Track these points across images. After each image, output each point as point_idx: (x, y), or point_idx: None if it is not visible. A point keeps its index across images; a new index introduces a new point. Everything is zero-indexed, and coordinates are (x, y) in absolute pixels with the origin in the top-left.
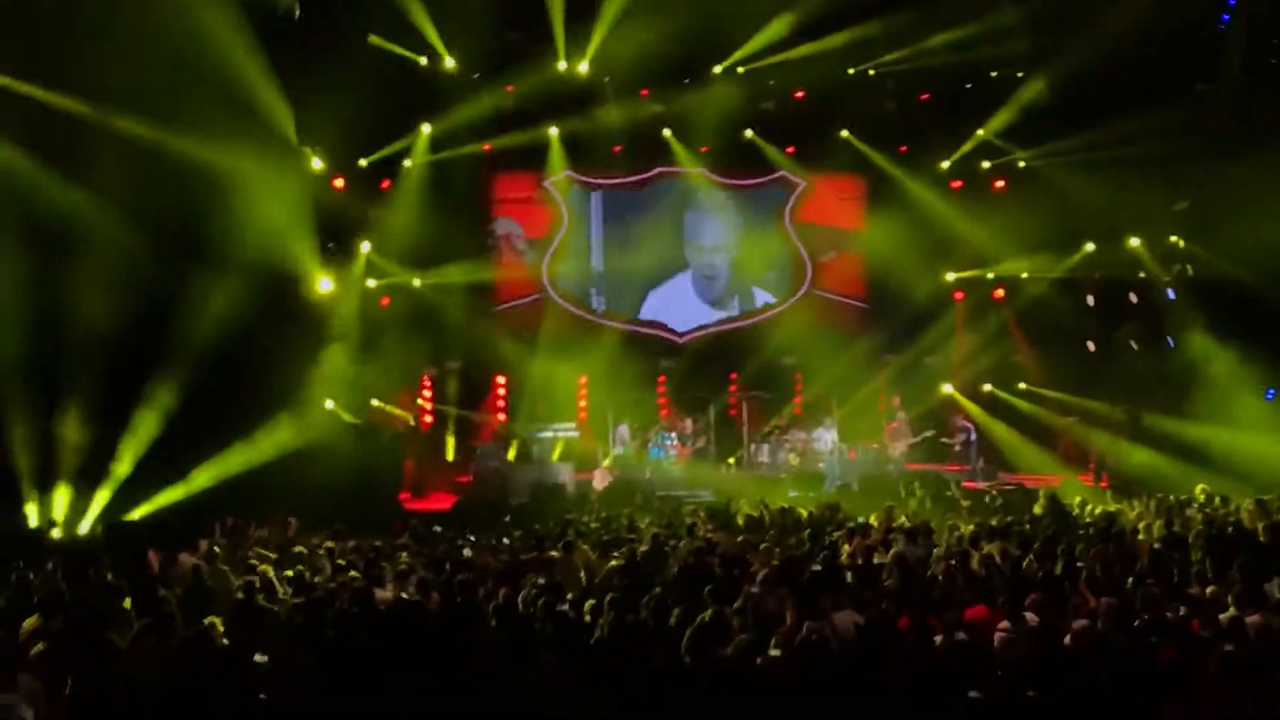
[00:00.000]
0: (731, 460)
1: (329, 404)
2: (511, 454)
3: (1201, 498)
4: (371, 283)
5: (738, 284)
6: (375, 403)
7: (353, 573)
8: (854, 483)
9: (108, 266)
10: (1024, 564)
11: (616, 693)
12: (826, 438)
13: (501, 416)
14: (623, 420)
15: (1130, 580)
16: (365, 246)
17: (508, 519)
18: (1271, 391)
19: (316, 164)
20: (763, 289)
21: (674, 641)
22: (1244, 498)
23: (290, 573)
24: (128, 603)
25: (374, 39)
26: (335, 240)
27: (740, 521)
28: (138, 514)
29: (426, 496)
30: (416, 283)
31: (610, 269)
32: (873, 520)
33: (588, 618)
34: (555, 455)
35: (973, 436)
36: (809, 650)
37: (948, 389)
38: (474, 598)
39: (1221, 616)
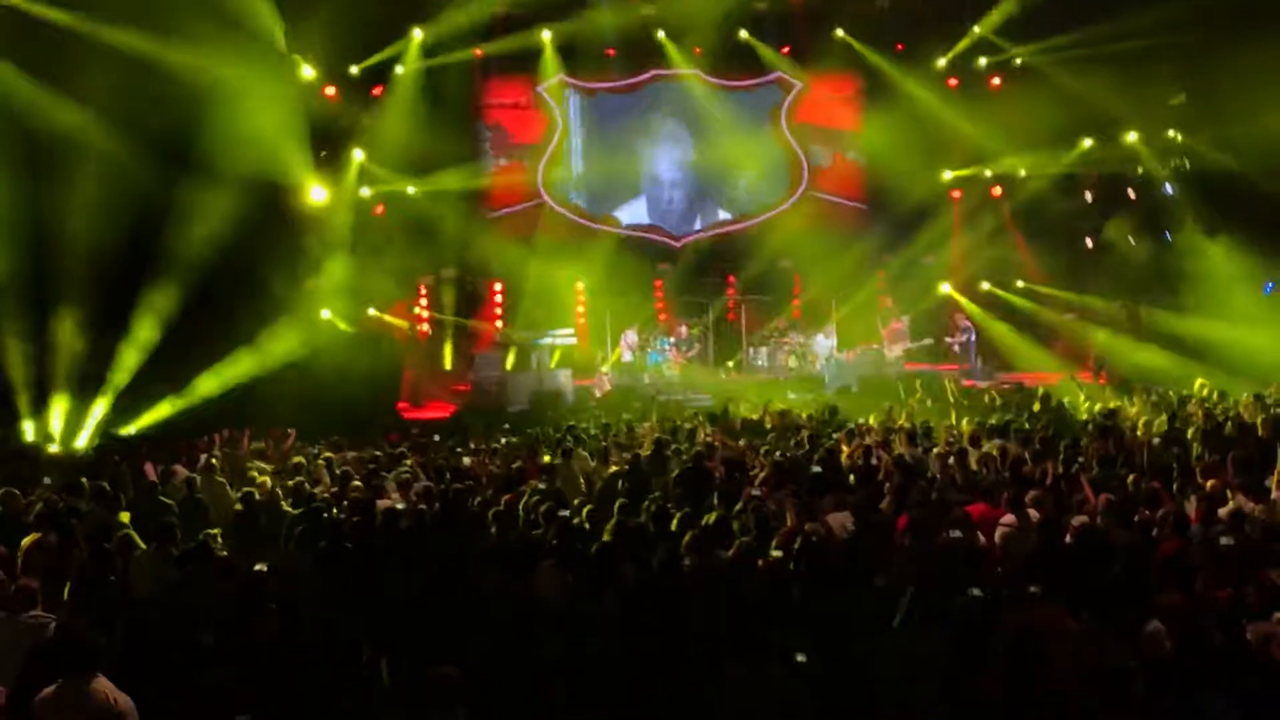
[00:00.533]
0: (731, 364)
1: (325, 313)
2: (509, 361)
3: (1201, 393)
4: (366, 191)
5: (734, 186)
6: (372, 312)
7: (355, 482)
8: (853, 384)
9: (100, 179)
10: (1023, 461)
11: (618, 596)
12: (825, 345)
13: (499, 324)
14: (628, 326)
15: (1130, 476)
16: (358, 154)
17: (507, 426)
18: (1270, 285)
19: (307, 72)
20: (759, 191)
21: (675, 545)
22: (1242, 392)
23: (290, 483)
24: (125, 516)
25: None
26: (328, 149)
27: (740, 425)
28: (135, 426)
29: (425, 405)
30: (411, 190)
31: (606, 174)
32: (871, 421)
33: (587, 524)
34: (554, 362)
35: (973, 337)
36: (809, 550)
37: (946, 288)
38: (473, 505)
39: (1221, 510)
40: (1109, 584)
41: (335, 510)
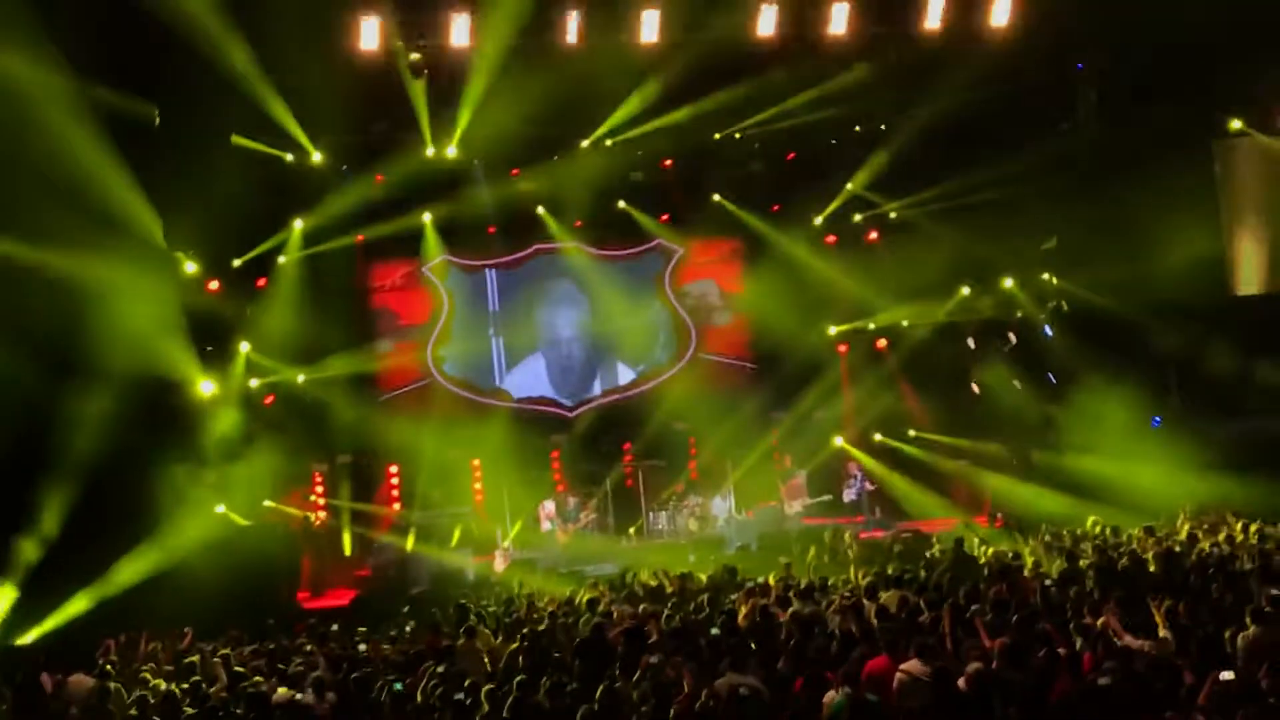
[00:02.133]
0: (632, 530)
1: (220, 508)
2: (409, 543)
3: (1094, 530)
4: (254, 382)
5: (622, 353)
6: (268, 503)
7: (257, 678)
8: (753, 543)
9: None
10: (919, 610)
11: None
12: (722, 506)
13: (396, 506)
14: (542, 498)
15: (1025, 618)
16: (245, 346)
17: (406, 609)
18: (1157, 420)
19: (189, 268)
20: (647, 357)
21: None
22: (1135, 526)
23: (186, 684)
24: None
25: (237, 139)
26: (214, 342)
27: (641, 592)
28: (28, 637)
29: (325, 594)
30: (300, 378)
31: (494, 349)
32: (770, 580)
33: (486, 705)
34: (454, 541)
35: (866, 485)
36: (706, 716)
37: (839, 441)
38: (370, 693)
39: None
40: None
41: (234, 707)
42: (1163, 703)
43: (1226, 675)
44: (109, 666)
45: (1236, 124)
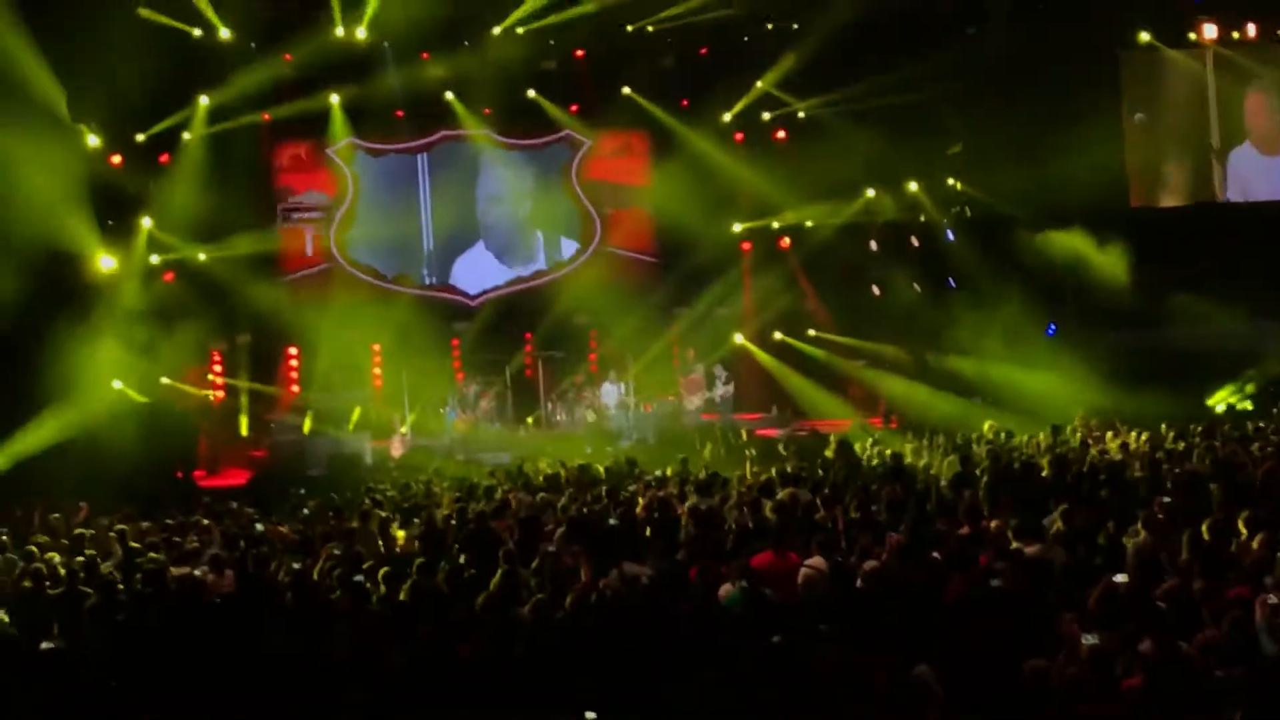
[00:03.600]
0: (530, 420)
1: (117, 383)
2: (307, 425)
3: (989, 434)
4: (155, 259)
5: (527, 244)
6: (165, 380)
7: (150, 554)
8: (650, 436)
9: None
10: (815, 508)
11: (409, 659)
12: (613, 392)
13: (295, 388)
14: (449, 386)
15: (919, 518)
16: (146, 222)
17: (303, 491)
18: (1052, 327)
19: (92, 141)
20: (552, 248)
21: (468, 606)
22: (1027, 433)
23: (81, 558)
24: None
25: (144, 12)
26: (115, 217)
27: (538, 481)
28: None
29: (221, 473)
30: (201, 257)
31: (398, 235)
32: (668, 473)
33: (383, 587)
34: (351, 425)
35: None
36: (602, 606)
37: (739, 338)
38: (268, 572)
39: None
40: (896, 625)
41: (128, 582)
42: (1054, 606)
43: (1119, 578)
44: (2, 538)
45: (1145, 36)
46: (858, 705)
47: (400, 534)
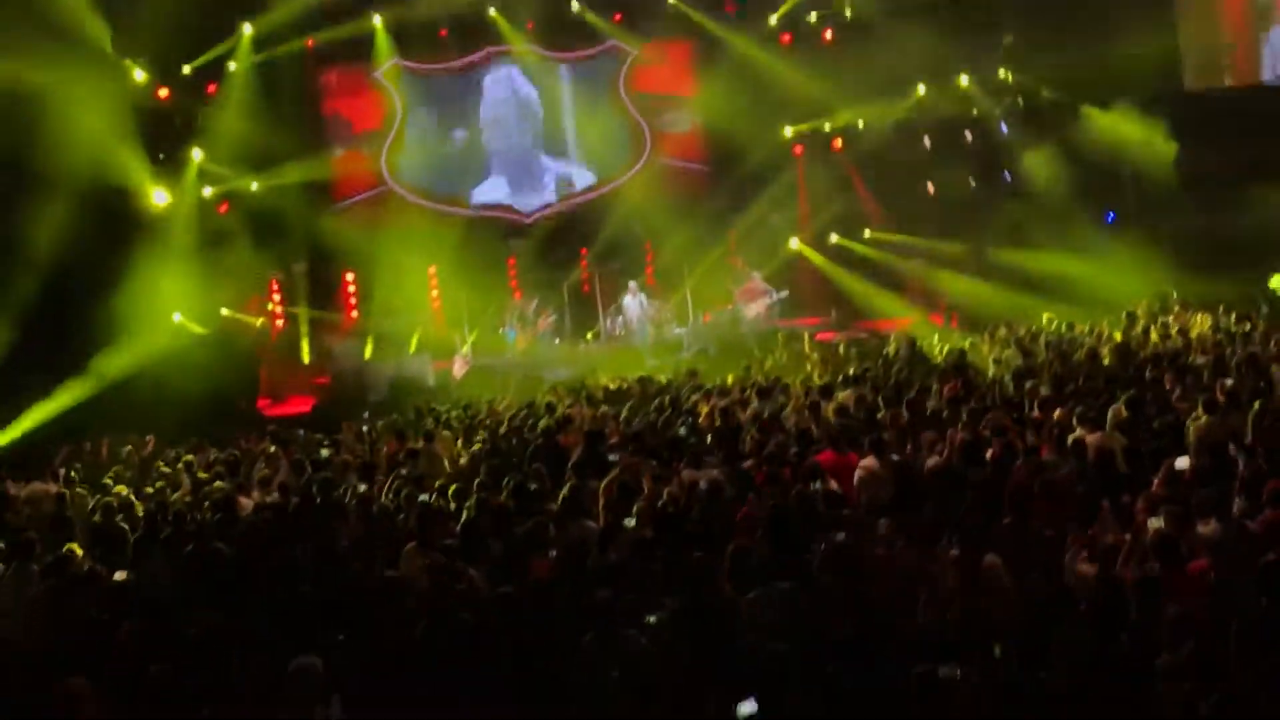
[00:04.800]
0: (589, 335)
1: (177, 316)
2: (368, 350)
3: (1049, 326)
4: (208, 190)
5: (577, 158)
6: (224, 311)
7: (218, 483)
8: (711, 347)
9: None
10: (877, 408)
11: (483, 574)
12: (634, 306)
13: (354, 314)
14: (509, 302)
15: (981, 413)
16: (197, 154)
17: (367, 415)
18: (1111, 215)
19: (139, 75)
20: (603, 162)
21: (538, 519)
22: (1090, 321)
23: (150, 489)
24: None
25: None
26: (165, 150)
27: (600, 395)
28: None
29: (285, 401)
30: (254, 186)
31: (449, 155)
32: (729, 381)
33: (451, 505)
34: (413, 347)
35: (774, 297)
36: (667, 515)
37: (795, 244)
38: (334, 496)
39: (1069, 438)
40: (960, 519)
41: (197, 512)
42: (1116, 492)
43: (1181, 463)
44: (72, 474)
45: None
46: (927, 600)
47: (462, 452)
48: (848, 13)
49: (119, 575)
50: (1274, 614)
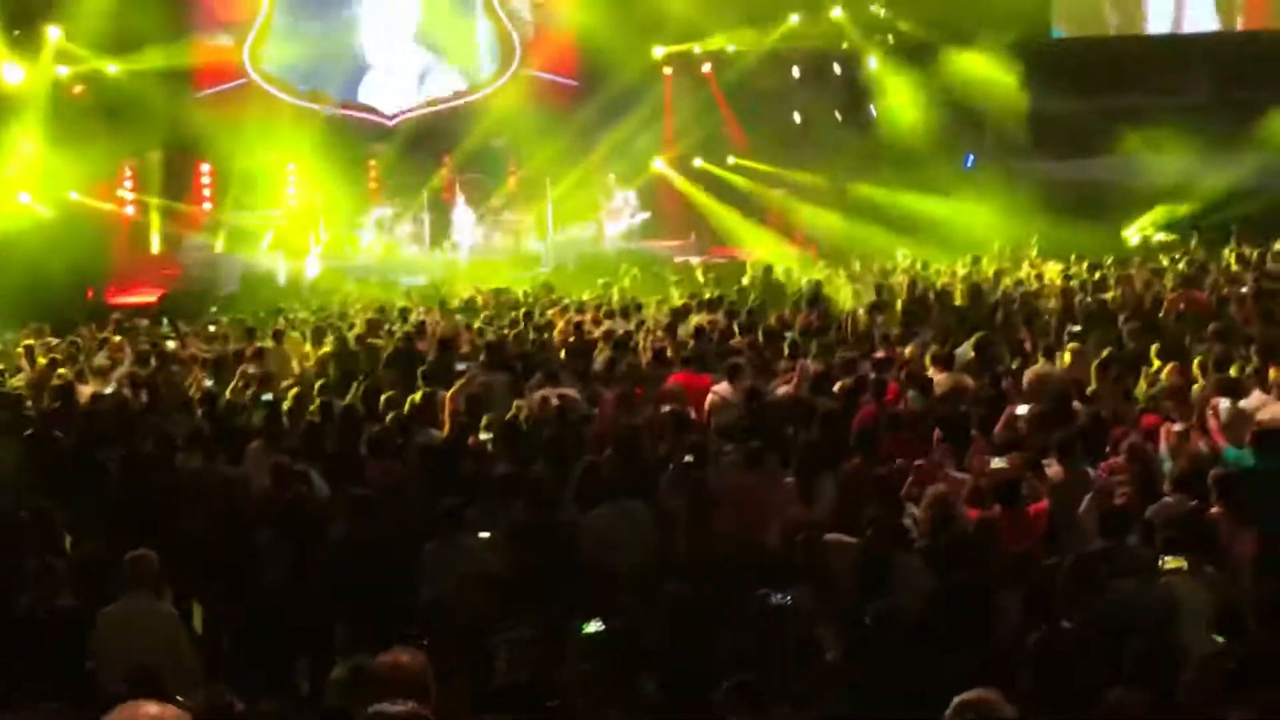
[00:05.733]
0: (446, 244)
1: (24, 197)
2: (219, 244)
3: (905, 263)
4: (63, 71)
5: (444, 63)
6: (74, 195)
7: (60, 370)
8: (570, 262)
9: None
10: (730, 333)
11: (324, 472)
12: (466, 216)
13: (208, 206)
14: (368, 205)
15: (833, 345)
16: (55, 32)
17: (215, 309)
18: (970, 158)
19: None
20: (470, 68)
21: (381, 428)
22: (945, 262)
23: None
24: None
25: None
26: (21, 26)
27: (455, 304)
28: None
29: (132, 290)
30: (112, 69)
31: (314, 50)
32: (586, 299)
33: (293, 405)
34: (266, 244)
35: (636, 217)
36: (514, 429)
37: (659, 165)
38: (181, 391)
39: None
40: (805, 448)
41: (38, 398)
42: (960, 430)
43: (1023, 409)
44: None
45: None
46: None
47: (311, 353)
48: None
49: None
50: (1110, 555)
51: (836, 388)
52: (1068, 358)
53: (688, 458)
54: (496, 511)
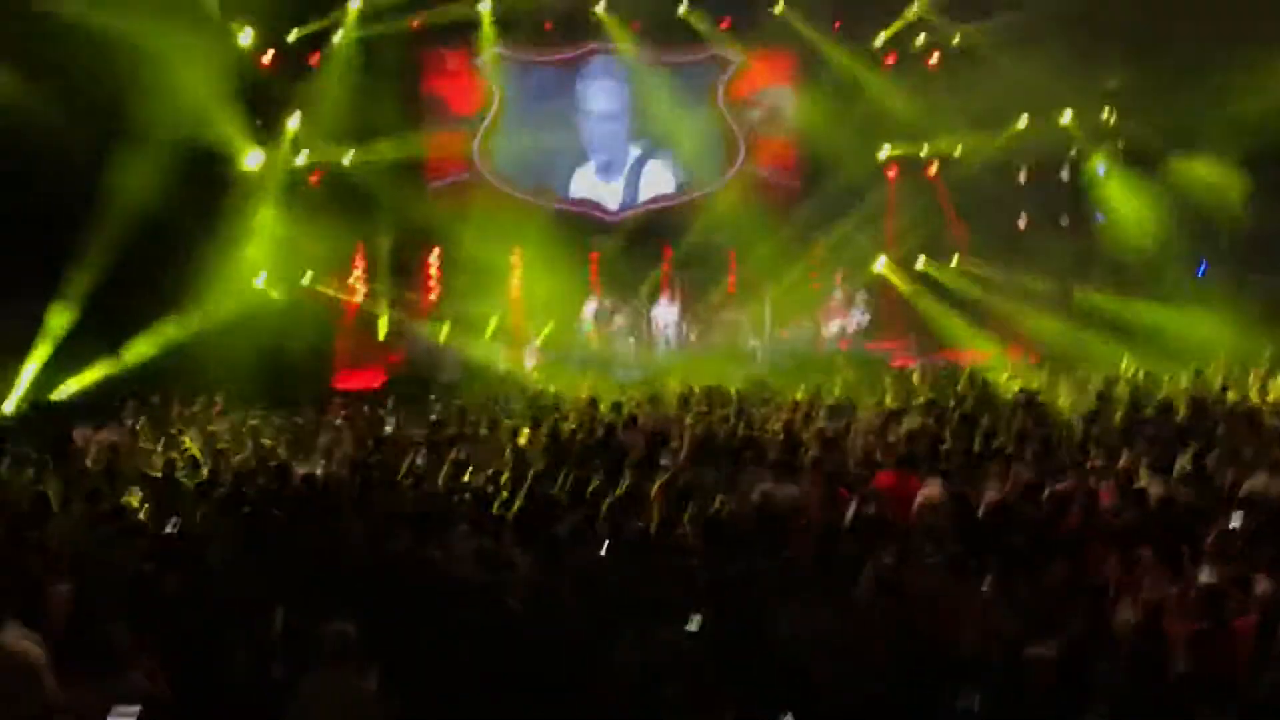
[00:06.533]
0: (663, 338)
1: (259, 280)
2: (443, 332)
3: (1127, 373)
4: (301, 159)
5: (669, 161)
6: (306, 280)
7: (279, 450)
8: (785, 361)
9: (29, 141)
10: (941, 438)
11: (532, 563)
12: (665, 313)
13: (433, 295)
14: (583, 298)
15: (1047, 452)
16: (294, 122)
17: (434, 396)
18: (1203, 267)
19: (244, 39)
20: (695, 167)
21: (588, 514)
22: (1168, 374)
23: (215, 448)
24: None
25: None
26: (263, 116)
27: (669, 398)
28: (64, 391)
29: (356, 375)
30: (347, 159)
31: (542, 147)
32: (799, 397)
33: (505, 493)
34: (488, 334)
35: (863, 317)
36: (723, 523)
37: (880, 265)
38: (394, 473)
39: (1134, 487)
40: (1011, 556)
41: (259, 477)
42: (1171, 542)
43: (1236, 520)
44: (138, 426)
45: None
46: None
47: (533, 444)
48: (955, 40)
49: (169, 528)
50: None
51: (1046, 495)
52: None
53: (888, 558)
54: (695, 605)
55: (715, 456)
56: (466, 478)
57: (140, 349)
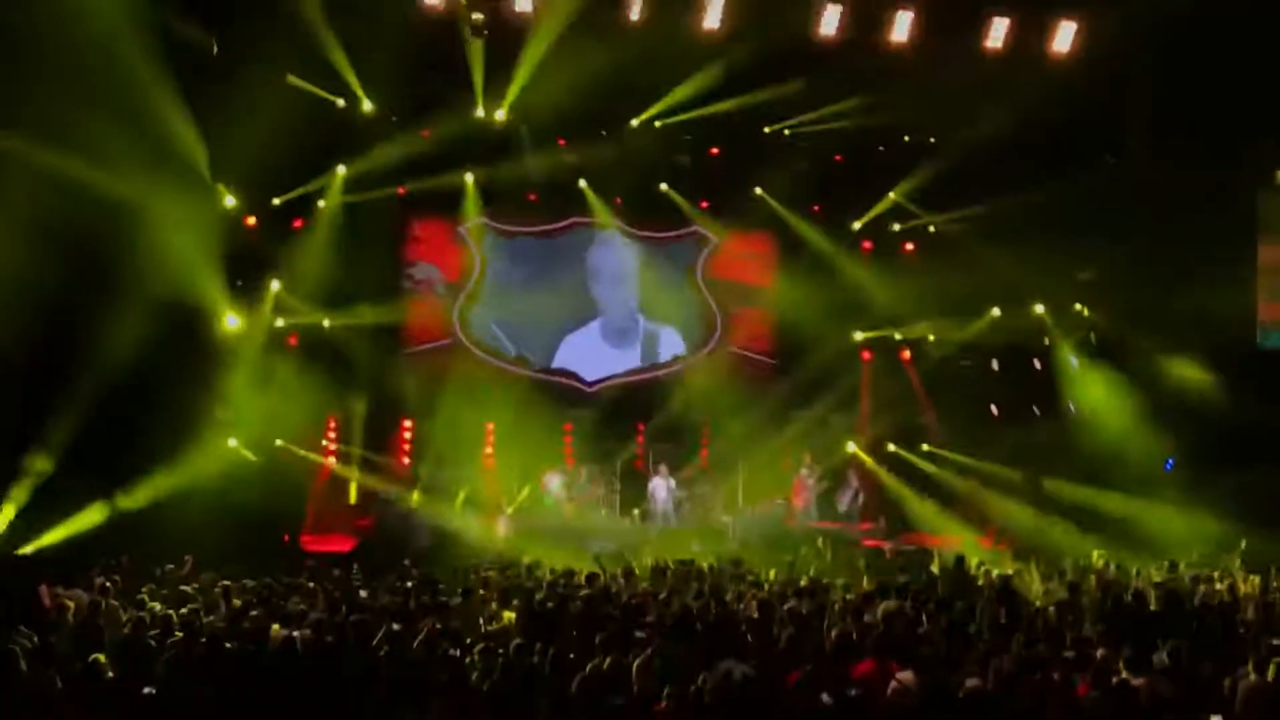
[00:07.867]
0: (636, 511)
1: (232, 442)
2: (414, 498)
3: (1098, 564)
4: (280, 321)
5: (648, 336)
6: (279, 442)
7: (252, 612)
8: (757, 538)
9: (10, 289)
10: (918, 622)
11: None
12: (662, 487)
13: (406, 460)
14: (548, 468)
15: (1022, 642)
16: (275, 285)
17: (406, 562)
18: (1170, 462)
19: (229, 201)
20: (672, 342)
21: (565, 689)
22: (1138, 565)
23: (185, 610)
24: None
25: (292, 79)
26: (245, 277)
27: (640, 572)
28: (31, 548)
29: (327, 538)
30: (326, 323)
31: (522, 316)
32: (772, 576)
33: (479, 664)
34: (459, 502)
35: (860, 495)
36: (699, 703)
37: (852, 447)
38: (368, 640)
39: (1113, 680)
40: None
41: (232, 639)
42: None
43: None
44: (109, 584)
45: None
46: None
47: (507, 615)
48: (931, 228)
49: (146, 690)
50: None
51: (1025, 688)
52: (1272, 671)
53: None
54: None
55: (690, 634)
56: (442, 649)
57: (112, 506)
